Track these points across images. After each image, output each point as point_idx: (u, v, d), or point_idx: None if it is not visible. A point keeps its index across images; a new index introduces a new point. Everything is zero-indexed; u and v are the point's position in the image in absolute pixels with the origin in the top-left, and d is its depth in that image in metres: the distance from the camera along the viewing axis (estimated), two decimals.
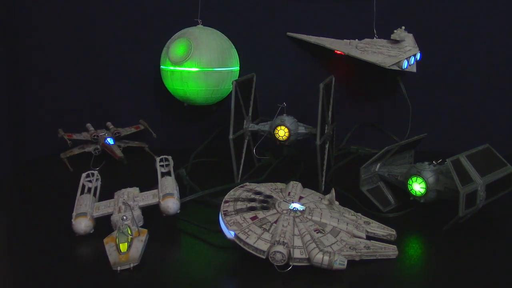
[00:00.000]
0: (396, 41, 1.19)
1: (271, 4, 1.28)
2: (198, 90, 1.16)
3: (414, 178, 0.89)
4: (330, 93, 1.09)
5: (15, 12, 1.26)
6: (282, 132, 1.04)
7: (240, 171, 1.09)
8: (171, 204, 0.85)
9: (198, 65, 1.13)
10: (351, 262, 0.72)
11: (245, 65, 1.25)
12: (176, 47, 1.15)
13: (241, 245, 0.73)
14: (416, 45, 1.20)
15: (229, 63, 1.18)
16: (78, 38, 1.31)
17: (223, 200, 0.83)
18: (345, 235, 0.76)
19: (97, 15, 1.29)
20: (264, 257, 0.71)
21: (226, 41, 1.20)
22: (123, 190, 0.91)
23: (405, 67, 1.16)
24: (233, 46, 1.22)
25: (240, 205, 0.81)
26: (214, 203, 0.94)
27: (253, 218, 0.77)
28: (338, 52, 1.24)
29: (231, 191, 0.86)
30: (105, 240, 0.76)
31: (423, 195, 0.88)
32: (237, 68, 1.23)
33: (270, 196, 0.85)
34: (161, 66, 1.20)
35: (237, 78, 1.21)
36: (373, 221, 0.83)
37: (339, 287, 0.69)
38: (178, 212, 0.86)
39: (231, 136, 1.02)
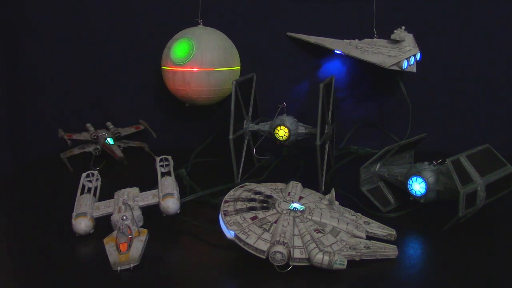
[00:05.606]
0: (396, 41, 1.19)
1: (271, 4, 1.28)
2: (200, 90, 1.16)
3: (414, 178, 0.89)
4: (330, 93, 1.09)
5: (16, 11, 1.26)
6: (282, 132, 1.04)
7: (240, 171, 1.09)
8: (171, 204, 0.85)
9: (199, 65, 1.13)
10: (351, 262, 0.72)
11: (245, 65, 1.25)
12: (178, 47, 1.15)
13: (241, 245, 0.73)
14: (416, 45, 1.20)
15: (231, 63, 1.18)
16: (79, 38, 1.31)
17: (223, 200, 0.83)
18: (345, 235, 0.76)
19: (97, 15, 1.29)
20: (264, 257, 0.71)
21: (227, 41, 1.20)
22: (123, 190, 0.91)
23: (405, 67, 1.16)
24: (234, 46, 1.22)
25: (240, 205, 0.81)
26: (214, 203, 0.94)
27: (253, 218, 0.77)
28: (338, 52, 1.24)
29: (231, 191, 0.86)
30: (105, 240, 0.76)
31: (423, 195, 0.88)
32: (238, 67, 1.23)
33: (270, 196, 0.85)
34: (162, 67, 1.20)
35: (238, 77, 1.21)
36: (373, 221, 0.83)
37: (339, 287, 0.69)
38: (178, 212, 0.87)
39: (231, 136, 1.02)
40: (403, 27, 1.19)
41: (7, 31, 1.26)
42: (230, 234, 0.74)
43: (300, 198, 0.86)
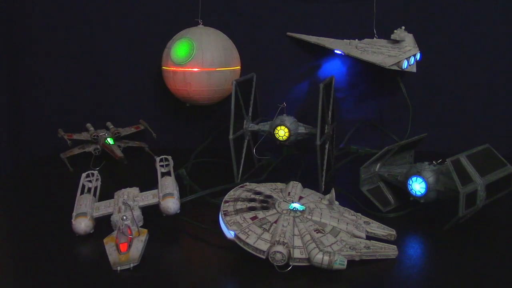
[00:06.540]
0: (396, 41, 1.19)
1: (271, 4, 1.28)
2: (200, 90, 1.16)
3: (414, 178, 0.89)
4: (330, 93, 1.09)
5: (15, 12, 1.26)
6: (282, 132, 1.04)
7: (240, 171, 1.09)
8: (171, 204, 0.85)
9: (200, 65, 1.13)
10: (351, 262, 0.72)
11: (245, 65, 1.25)
12: (179, 47, 1.15)
13: (241, 245, 0.73)
14: (416, 45, 1.20)
15: (231, 63, 1.18)
16: (78, 38, 1.31)
17: (223, 200, 0.83)
18: (345, 235, 0.76)
19: (97, 15, 1.29)
20: (264, 257, 0.71)
21: (227, 41, 1.20)
22: (123, 190, 0.91)
23: (405, 67, 1.16)
24: (234, 46, 1.22)
25: (240, 205, 0.81)
26: (214, 203, 0.94)
27: (253, 218, 0.77)
28: (338, 52, 1.24)
29: (231, 191, 0.86)
30: (105, 240, 0.76)
31: (423, 195, 0.88)
32: (238, 67, 1.23)
33: (270, 196, 0.85)
34: (163, 67, 1.20)
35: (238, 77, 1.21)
36: (373, 221, 0.83)
37: (339, 287, 0.69)
38: (178, 212, 0.86)
39: (231, 136, 1.02)
40: (403, 27, 1.19)
41: (6, 31, 1.26)
42: (230, 234, 0.74)
43: (300, 198, 0.86)
